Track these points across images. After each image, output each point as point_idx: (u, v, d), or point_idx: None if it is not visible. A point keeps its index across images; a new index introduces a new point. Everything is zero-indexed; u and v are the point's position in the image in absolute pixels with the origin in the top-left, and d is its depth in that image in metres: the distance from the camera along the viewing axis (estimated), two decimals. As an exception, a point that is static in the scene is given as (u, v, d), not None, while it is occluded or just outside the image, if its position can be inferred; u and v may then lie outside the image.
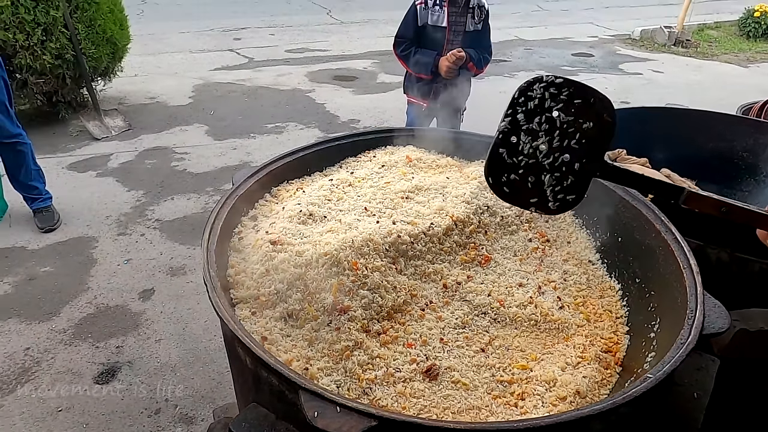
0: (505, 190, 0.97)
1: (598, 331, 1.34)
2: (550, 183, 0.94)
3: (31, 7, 3.81)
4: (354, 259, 1.32)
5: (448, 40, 2.57)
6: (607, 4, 11.67)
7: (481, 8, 2.60)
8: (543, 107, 0.91)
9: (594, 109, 0.91)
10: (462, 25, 2.57)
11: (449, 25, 2.55)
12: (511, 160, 0.94)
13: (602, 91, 0.93)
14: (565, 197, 0.95)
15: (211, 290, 1.10)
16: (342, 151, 1.84)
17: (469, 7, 2.55)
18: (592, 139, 0.91)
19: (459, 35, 2.58)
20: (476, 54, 2.59)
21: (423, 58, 2.58)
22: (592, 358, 1.26)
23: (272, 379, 0.96)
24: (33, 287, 2.65)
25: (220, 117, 4.82)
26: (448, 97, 2.67)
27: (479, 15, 2.57)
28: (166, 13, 8.68)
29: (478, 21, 2.58)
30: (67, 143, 4.19)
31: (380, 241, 1.38)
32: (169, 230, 3.16)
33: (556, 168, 0.92)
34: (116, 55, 4.58)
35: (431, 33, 2.58)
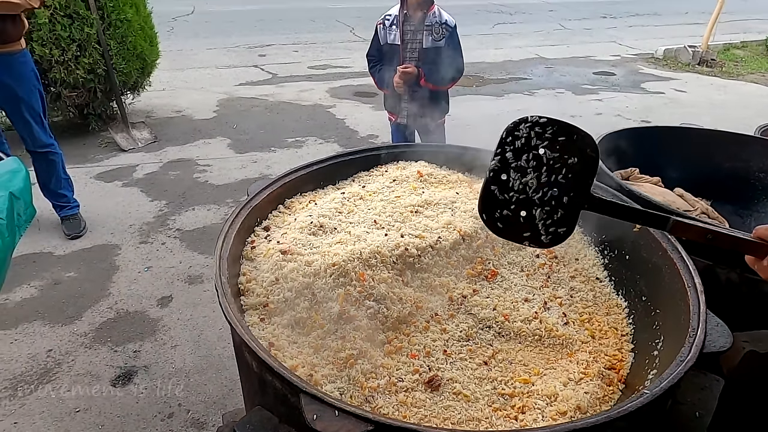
0: (499, 225, 1.02)
1: (603, 348, 1.34)
2: (541, 217, 0.98)
3: (67, 25, 4.00)
4: (361, 270, 1.36)
5: (402, 57, 2.63)
6: (631, 23, 11.63)
7: (443, 25, 2.61)
8: (530, 145, 0.96)
9: (577, 145, 0.96)
10: (418, 42, 2.60)
11: (402, 43, 2.61)
12: (502, 196, 0.99)
13: (624, 110, 0.98)
14: (556, 230, 0.99)
15: (222, 296, 1.14)
16: (355, 165, 1.89)
17: (426, 24, 2.58)
18: (578, 174, 0.95)
19: (415, 52, 2.62)
20: (435, 70, 2.60)
21: (383, 75, 2.69)
22: (595, 374, 1.26)
23: (276, 383, 1.00)
24: (58, 291, 2.75)
25: (242, 131, 4.95)
26: (415, 110, 2.73)
27: (440, 32, 2.58)
28: (196, 30, 8.96)
29: (439, 38, 2.59)
30: (96, 154, 4.35)
31: (388, 253, 1.41)
32: (188, 239, 3.24)
33: (545, 202, 0.97)
34: (145, 70, 4.76)
35: (389, 51, 2.66)
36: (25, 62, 2.83)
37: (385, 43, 2.66)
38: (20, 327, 2.49)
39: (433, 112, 2.76)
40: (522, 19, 11.67)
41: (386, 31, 2.64)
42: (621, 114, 5.66)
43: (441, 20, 2.60)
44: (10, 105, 2.86)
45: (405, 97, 2.71)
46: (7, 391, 2.15)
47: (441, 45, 2.61)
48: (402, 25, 2.59)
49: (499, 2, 13.90)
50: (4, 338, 2.42)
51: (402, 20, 2.59)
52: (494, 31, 10.34)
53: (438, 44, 2.60)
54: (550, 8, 13.21)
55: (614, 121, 5.43)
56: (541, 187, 0.96)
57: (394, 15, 2.63)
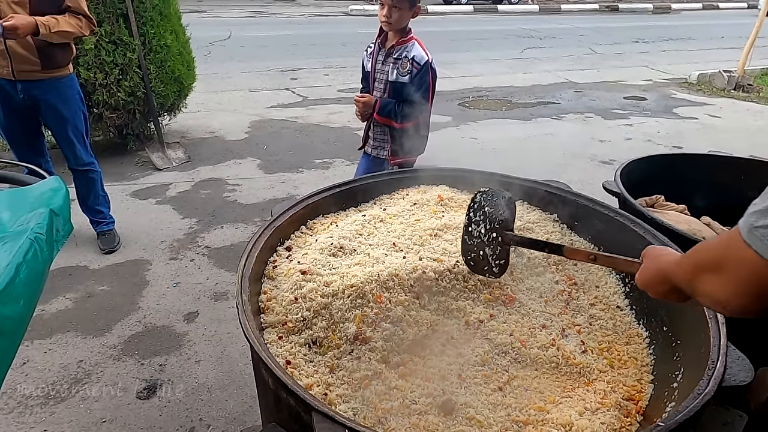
0: (471, 264, 1.48)
1: (622, 378, 1.32)
2: (490, 254, 1.42)
3: (111, 50, 4.22)
4: (378, 292, 1.38)
5: (372, 87, 2.58)
6: (664, 47, 11.50)
7: (413, 61, 2.42)
8: (481, 206, 1.45)
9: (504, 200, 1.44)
10: (384, 73, 2.51)
11: (372, 71, 2.56)
12: (470, 242, 1.46)
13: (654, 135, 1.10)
14: (500, 263, 1.43)
15: (242, 313, 1.18)
16: (377, 188, 1.94)
17: (394, 56, 2.46)
18: (504, 220, 1.41)
19: (381, 83, 2.54)
20: (390, 105, 2.48)
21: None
22: (612, 404, 1.24)
23: (290, 400, 1.02)
24: (90, 304, 2.86)
25: (272, 152, 5.08)
26: (377, 143, 2.67)
27: (406, 67, 2.42)
28: (231, 54, 9.30)
29: (405, 73, 2.43)
30: (133, 172, 4.54)
31: (405, 276, 1.44)
32: (216, 257, 3.33)
33: (490, 243, 1.42)
34: (182, 93, 4.96)
35: (367, 78, 2.63)
36: (71, 86, 3.00)
37: (365, 71, 2.64)
38: (54, 337, 2.59)
39: (393, 150, 2.62)
40: (552, 44, 11.68)
41: (366, 58, 2.61)
42: (651, 139, 5.58)
43: (410, 55, 2.43)
44: (56, 125, 3.03)
45: (372, 127, 2.65)
46: (40, 399, 2.24)
47: (405, 81, 2.44)
48: (375, 53, 2.54)
49: (529, 27, 13.96)
50: (39, 347, 2.52)
51: (377, 49, 2.54)
52: (523, 55, 10.37)
53: (402, 79, 2.45)
54: (580, 33, 13.19)
55: (644, 146, 5.35)
56: (488, 232, 1.42)
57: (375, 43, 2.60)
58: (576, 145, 5.39)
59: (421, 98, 2.46)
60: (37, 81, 2.84)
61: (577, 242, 1.76)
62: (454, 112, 6.52)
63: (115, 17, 4.20)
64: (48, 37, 2.68)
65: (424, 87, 2.47)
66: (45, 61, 2.80)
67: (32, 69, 2.80)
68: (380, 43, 2.51)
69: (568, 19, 16.03)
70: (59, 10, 2.74)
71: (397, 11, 2.34)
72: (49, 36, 2.67)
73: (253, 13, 14.80)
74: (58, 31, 2.70)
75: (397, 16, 2.35)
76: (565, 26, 14.33)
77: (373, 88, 2.56)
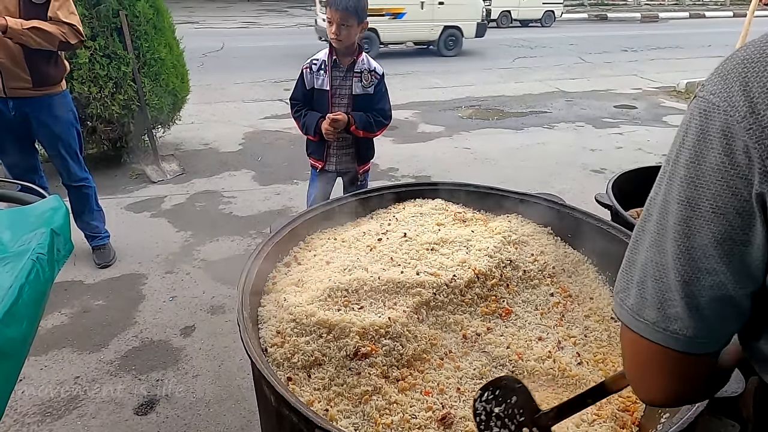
0: None
1: (617, 390, 1.35)
2: None
3: (105, 64, 4.24)
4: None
5: (331, 103, 2.54)
6: (652, 56, 11.68)
7: (372, 72, 2.52)
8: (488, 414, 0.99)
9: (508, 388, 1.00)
10: (347, 88, 2.53)
11: (331, 88, 2.53)
12: None
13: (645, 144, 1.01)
14: None
15: (243, 330, 1.20)
16: (373, 203, 1.96)
17: (356, 71, 2.50)
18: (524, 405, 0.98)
19: (344, 98, 2.55)
20: (364, 117, 2.52)
21: (309, 120, 2.57)
22: (608, 416, 1.27)
23: (292, 417, 1.04)
24: (86, 319, 2.85)
25: (266, 163, 5.10)
26: (343, 157, 2.67)
27: (369, 79, 2.51)
28: (224, 65, 9.33)
29: (368, 85, 2.52)
30: (127, 185, 4.53)
31: (403, 291, 1.46)
32: (212, 270, 3.33)
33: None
34: (176, 106, 4.97)
35: (318, 96, 2.57)
36: (64, 103, 2.98)
37: (312, 88, 2.57)
38: (50, 353, 2.58)
39: (361, 159, 2.70)
40: (542, 53, 11.83)
41: (313, 75, 2.55)
42: (642, 148, 5.65)
43: (370, 67, 2.52)
44: (48, 143, 3.02)
45: (334, 144, 2.63)
46: (36, 417, 2.23)
47: (370, 92, 2.57)
48: (331, 70, 2.52)
49: (519, 36, 14.13)
50: (35, 364, 2.51)
51: (331, 65, 2.52)
52: (514, 65, 10.49)
53: (367, 91, 2.54)
54: (570, 42, 13.37)
55: (635, 155, 5.42)
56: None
57: (322, 60, 2.54)
58: (568, 154, 5.45)
59: (387, 104, 2.60)
60: (28, 98, 2.82)
61: (571, 254, 1.79)
62: (446, 122, 6.58)
63: (109, 31, 4.22)
64: (21, 34, 2.56)
65: (387, 94, 2.61)
66: (36, 78, 2.77)
67: (24, 86, 2.77)
68: (335, 60, 2.50)
69: (558, 28, 16.24)
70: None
71: (346, 28, 2.36)
72: (22, 33, 2.55)
73: (246, 24, 14.88)
74: (33, 28, 2.57)
75: (347, 33, 2.37)
76: (555, 36, 14.51)
77: (332, 104, 2.54)
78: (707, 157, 0.55)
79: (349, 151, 2.68)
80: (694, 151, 0.56)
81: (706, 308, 0.58)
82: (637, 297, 0.63)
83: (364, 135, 2.58)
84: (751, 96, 0.52)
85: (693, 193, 0.56)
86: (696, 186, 0.56)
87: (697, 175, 0.56)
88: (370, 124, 2.55)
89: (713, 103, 0.55)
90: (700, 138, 0.56)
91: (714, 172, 0.55)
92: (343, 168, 2.71)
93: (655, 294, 0.61)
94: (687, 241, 0.57)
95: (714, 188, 0.55)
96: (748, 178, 0.53)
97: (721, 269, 0.56)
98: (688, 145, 0.57)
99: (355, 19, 2.37)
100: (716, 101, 0.55)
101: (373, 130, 2.58)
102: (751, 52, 0.55)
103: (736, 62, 0.56)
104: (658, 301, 0.61)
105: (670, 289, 0.60)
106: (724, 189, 0.54)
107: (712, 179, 0.55)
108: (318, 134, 2.52)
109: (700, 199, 0.56)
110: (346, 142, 2.65)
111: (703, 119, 0.56)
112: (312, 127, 2.53)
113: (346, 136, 2.60)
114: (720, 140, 0.54)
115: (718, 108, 0.54)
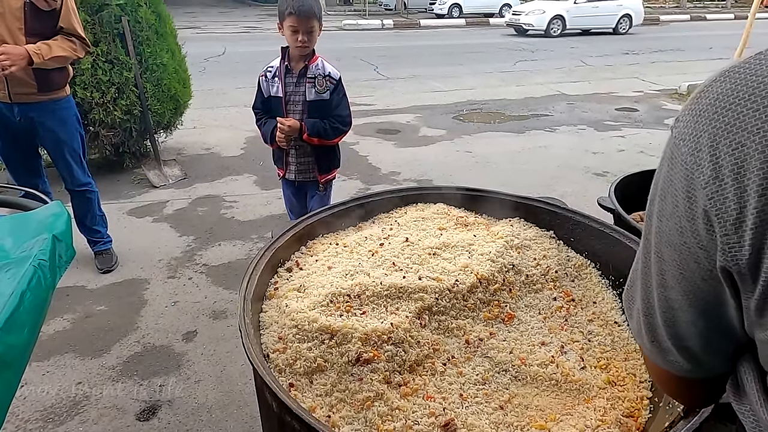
0: None
1: (621, 395, 1.34)
2: None
3: (107, 70, 4.26)
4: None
5: (286, 110, 2.50)
6: (654, 59, 11.68)
7: (327, 77, 2.47)
8: None
9: None
10: (301, 95, 2.47)
11: (285, 95, 2.48)
12: None
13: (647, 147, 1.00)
14: None
15: (245, 337, 1.20)
16: (375, 207, 1.96)
17: (308, 76, 2.45)
18: None
19: (298, 105, 2.49)
20: (318, 124, 2.46)
21: (266, 129, 2.54)
22: (612, 421, 1.25)
23: (294, 424, 1.03)
24: (88, 324, 2.85)
25: (268, 167, 5.08)
26: (302, 166, 2.62)
27: (324, 84, 2.45)
28: (226, 70, 9.37)
29: (323, 90, 2.46)
30: (129, 190, 4.54)
31: (407, 296, 1.45)
32: (214, 275, 3.33)
33: None
34: (178, 111, 4.99)
35: (275, 104, 2.53)
36: (68, 108, 3.01)
37: (269, 96, 2.53)
38: (52, 359, 2.58)
39: (321, 168, 2.62)
40: (544, 57, 11.84)
41: (269, 83, 2.51)
42: (644, 150, 5.65)
43: (324, 72, 2.46)
44: (53, 147, 3.04)
45: (291, 152, 2.59)
46: (38, 423, 2.22)
47: (326, 98, 2.47)
48: (284, 77, 2.47)
49: (520, 40, 14.15)
50: (36, 370, 2.50)
51: (283, 72, 2.47)
52: (515, 68, 10.50)
53: (322, 97, 2.47)
54: (571, 45, 13.38)
55: (637, 157, 5.41)
56: None
57: (276, 67, 2.50)
58: (569, 157, 5.44)
59: (345, 110, 2.53)
60: (34, 104, 2.85)
61: (574, 258, 1.78)
62: (448, 125, 6.59)
63: (111, 37, 4.24)
64: (43, 65, 2.69)
65: (345, 100, 2.54)
66: (42, 83, 2.81)
67: (29, 92, 2.81)
68: (286, 66, 2.47)
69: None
70: (53, 32, 2.75)
71: (311, 34, 2.35)
72: (44, 64, 2.68)
73: (247, 29, 14.94)
74: (53, 57, 2.69)
75: (312, 38, 2.37)
76: (556, 39, 14.52)
77: (287, 111, 2.49)
78: (673, 215, 0.50)
79: (308, 159, 2.61)
80: (663, 204, 0.52)
81: (693, 349, 0.58)
82: (636, 327, 0.65)
83: (320, 142, 2.50)
84: (717, 156, 0.45)
85: (663, 249, 0.53)
86: (665, 243, 0.53)
87: (665, 230, 0.52)
88: (325, 131, 2.47)
89: (681, 152, 0.49)
90: (668, 189, 0.51)
91: (678, 234, 0.50)
92: (303, 177, 2.65)
93: (648, 330, 0.62)
94: (665, 292, 0.56)
95: (679, 251, 0.51)
96: (709, 251, 0.48)
97: (699, 323, 0.55)
98: (659, 193, 0.53)
99: (317, 24, 2.37)
100: (684, 152, 0.48)
101: (329, 137, 2.50)
102: (727, 88, 0.47)
103: (710, 101, 0.48)
104: (651, 336, 0.62)
105: (659, 327, 0.60)
106: (687, 255, 0.50)
107: (677, 241, 0.51)
108: (275, 142, 2.49)
109: (669, 256, 0.53)
110: (304, 150, 2.58)
111: (671, 168, 0.50)
112: (268, 135, 2.51)
113: (303, 144, 2.53)
114: (683, 200, 0.49)
115: (684, 163, 0.48)
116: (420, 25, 16.54)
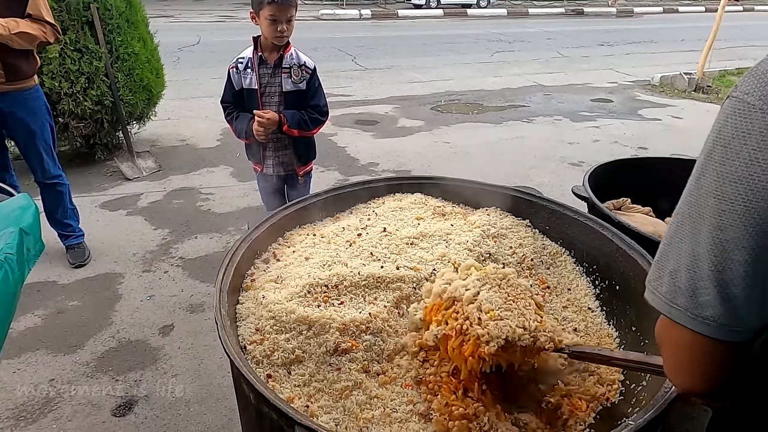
0: None
1: (593, 377, 1.37)
2: None
3: (76, 59, 4.13)
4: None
5: (261, 102, 2.45)
6: (628, 50, 11.85)
7: (303, 67, 2.43)
8: None
9: None
10: (277, 86, 2.43)
11: (260, 87, 2.42)
12: None
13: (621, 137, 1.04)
14: None
15: (221, 329, 1.18)
16: (353, 197, 1.95)
17: (284, 67, 2.40)
18: None
19: (275, 96, 2.45)
20: (297, 116, 2.43)
21: (239, 124, 2.47)
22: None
23: (272, 415, 1.03)
24: (61, 320, 2.79)
25: (244, 159, 5.00)
26: (280, 159, 2.59)
27: (300, 74, 2.42)
28: (200, 60, 9.18)
29: (300, 80, 2.42)
30: (101, 183, 4.44)
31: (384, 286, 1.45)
32: (191, 268, 3.28)
33: None
34: (151, 101, 4.87)
35: (248, 96, 2.46)
36: (37, 97, 2.92)
37: (241, 88, 2.46)
38: (23, 356, 2.52)
39: (300, 159, 2.60)
40: (521, 48, 11.91)
41: (241, 75, 2.43)
42: (618, 141, 5.74)
43: (299, 62, 2.41)
44: (23, 139, 2.94)
45: (269, 146, 2.55)
46: (10, 421, 2.17)
47: (302, 88, 2.44)
48: (257, 68, 2.40)
49: (498, 31, 14.20)
50: (7, 367, 2.44)
51: (257, 63, 2.40)
52: (493, 59, 10.54)
53: (299, 87, 2.43)
54: (548, 36, 13.49)
55: (611, 147, 5.51)
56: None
57: (248, 57, 2.42)
58: (546, 147, 5.51)
59: (322, 99, 2.51)
60: (2, 94, 2.76)
61: (549, 246, 1.81)
62: (426, 116, 6.59)
63: (80, 25, 4.11)
64: (9, 40, 2.56)
65: (321, 89, 2.52)
66: (9, 72, 2.72)
67: (-3, 81, 2.71)
68: (260, 57, 2.41)
69: (535, 23, 16.37)
70: (21, 18, 2.66)
71: (290, 23, 2.32)
72: (9, 38, 2.56)
73: (223, 18, 14.64)
74: (19, 33, 2.58)
75: (291, 28, 2.33)
76: (533, 30, 14.63)
77: (262, 103, 2.44)
78: (742, 154, 0.58)
79: (287, 152, 2.58)
80: (730, 148, 0.59)
81: (738, 297, 0.60)
82: (669, 285, 0.66)
83: (300, 134, 2.47)
84: None
85: (726, 188, 0.59)
86: (730, 181, 0.59)
87: (731, 170, 0.58)
88: (305, 122, 2.44)
89: (749, 103, 0.58)
90: (736, 136, 0.58)
91: (748, 167, 0.57)
92: (282, 170, 2.62)
93: (688, 283, 0.63)
94: (720, 233, 0.59)
95: (747, 184, 0.57)
96: None
97: (753, 261, 0.58)
98: (722, 142, 0.60)
99: (294, 12, 2.33)
100: (752, 101, 0.58)
101: (309, 128, 2.47)
102: None
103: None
104: (691, 289, 0.63)
105: (703, 278, 0.62)
106: (757, 184, 0.56)
107: (745, 174, 0.57)
108: (252, 136, 2.41)
109: (733, 193, 0.58)
110: (282, 143, 2.55)
111: (739, 119, 0.59)
112: (244, 130, 2.43)
113: (281, 137, 2.49)
114: (757, 138, 0.57)
115: (754, 107, 0.58)
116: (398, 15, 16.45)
